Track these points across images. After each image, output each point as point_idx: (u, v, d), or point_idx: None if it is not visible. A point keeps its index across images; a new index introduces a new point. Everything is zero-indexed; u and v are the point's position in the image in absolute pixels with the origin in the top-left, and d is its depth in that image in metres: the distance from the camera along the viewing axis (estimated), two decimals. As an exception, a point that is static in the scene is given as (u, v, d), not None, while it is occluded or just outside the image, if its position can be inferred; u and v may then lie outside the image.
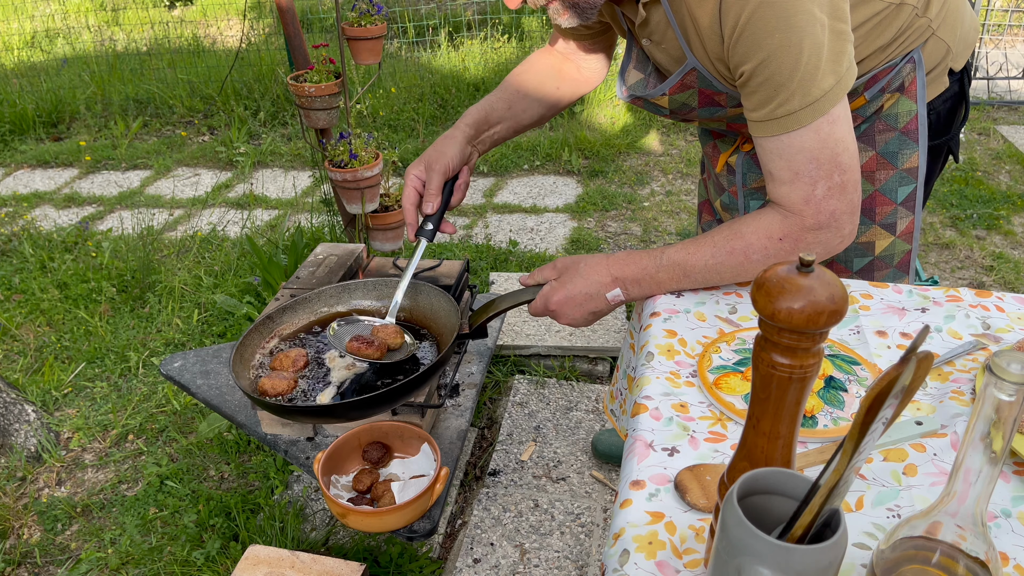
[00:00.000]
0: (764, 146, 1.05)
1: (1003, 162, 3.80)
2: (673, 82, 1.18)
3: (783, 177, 1.05)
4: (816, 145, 1.01)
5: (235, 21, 6.74)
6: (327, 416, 1.18)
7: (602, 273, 1.16)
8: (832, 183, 1.02)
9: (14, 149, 4.46)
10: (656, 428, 0.90)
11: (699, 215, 1.68)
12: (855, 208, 1.06)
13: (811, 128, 1.00)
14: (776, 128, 1.02)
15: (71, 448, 2.21)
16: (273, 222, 3.52)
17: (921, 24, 1.17)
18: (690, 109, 1.23)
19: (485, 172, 3.97)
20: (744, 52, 1.00)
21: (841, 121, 1.01)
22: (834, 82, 0.99)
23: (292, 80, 2.35)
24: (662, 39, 1.15)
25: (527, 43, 5.44)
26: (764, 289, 0.61)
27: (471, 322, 1.30)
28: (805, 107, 0.99)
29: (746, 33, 0.98)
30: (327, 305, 1.35)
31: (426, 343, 1.32)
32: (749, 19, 0.97)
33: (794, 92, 0.98)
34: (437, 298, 1.34)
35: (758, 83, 1.01)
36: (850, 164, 1.03)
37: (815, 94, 0.98)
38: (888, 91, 1.22)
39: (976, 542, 0.58)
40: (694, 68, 1.13)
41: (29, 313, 2.80)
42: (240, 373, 1.18)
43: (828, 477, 0.55)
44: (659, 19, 1.12)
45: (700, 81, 1.15)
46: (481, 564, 1.79)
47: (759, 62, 0.99)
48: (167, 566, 1.81)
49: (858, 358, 1.00)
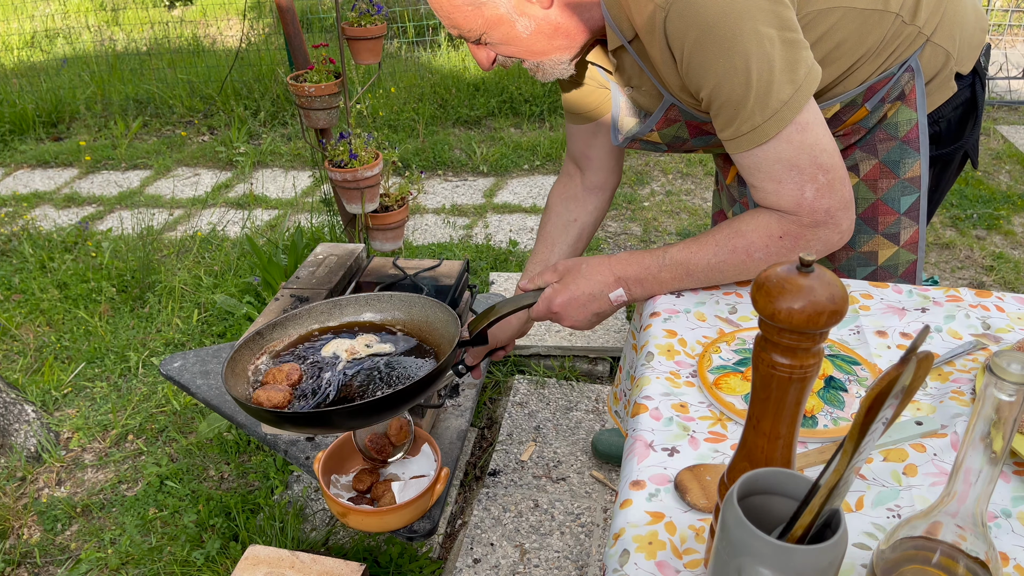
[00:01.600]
0: (741, 163, 1.07)
1: (1003, 162, 3.80)
2: (657, 118, 1.21)
3: (767, 188, 1.06)
4: (791, 153, 1.02)
5: (235, 21, 6.74)
6: (324, 425, 1.16)
7: (604, 273, 1.16)
8: (818, 184, 1.03)
9: (14, 149, 4.46)
10: (656, 428, 0.90)
11: (713, 224, 1.68)
12: (848, 203, 1.06)
13: (781, 138, 1.01)
14: (746, 143, 1.04)
15: (71, 448, 2.21)
16: (273, 222, 3.52)
17: (910, 32, 1.16)
18: (684, 140, 1.25)
19: (485, 172, 3.98)
20: (696, 80, 1.03)
21: (811, 126, 1.02)
22: (792, 91, 0.99)
23: (292, 80, 2.35)
24: (640, 83, 1.18)
25: (527, 43, 5.44)
26: (764, 289, 0.61)
27: (470, 329, 1.28)
28: (768, 120, 1.00)
29: (692, 63, 1.01)
30: (317, 321, 1.29)
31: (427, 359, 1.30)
32: (692, 50, 0.99)
33: (753, 110, 1.00)
34: (432, 309, 1.29)
35: (717, 106, 1.03)
36: (831, 163, 1.04)
37: (774, 106, 0.99)
38: (888, 100, 1.21)
39: (976, 542, 0.58)
40: (673, 104, 1.16)
41: (29, 313, 2.80)
42: (233, 385, 1.16)
43: (828, 477, 0.55)
44: (630, 63, 1.15)
45: (683, 114, 1.18)
46: (481, 564, 1.79)
47: (711, 88, 1.01)
48: (167, 566, 1.81)
49: (858, 358, 1.00)
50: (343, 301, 1.32)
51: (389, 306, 1.32)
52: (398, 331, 1.28)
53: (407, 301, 1.31)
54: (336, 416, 1.08)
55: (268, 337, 1.23)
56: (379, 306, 1.33)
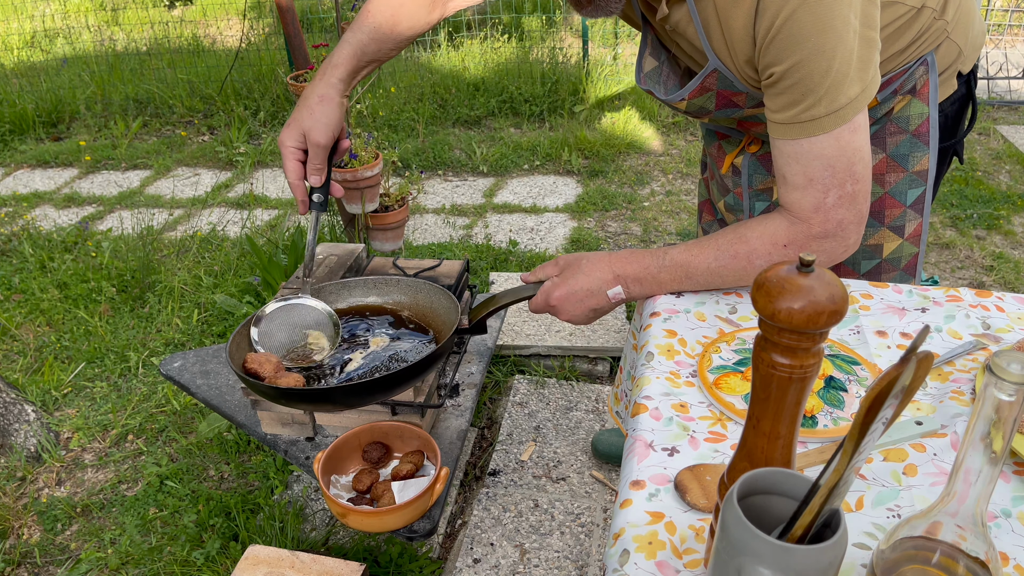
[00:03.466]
0: (782, 149, 1.04)
1: (1003, 162, 3.80)
2: (693, 86, 1.16)
3: (796, 182, 1.04)
4: (834, 153, 1.00)
5: (235, 21, 6.74)
6: (324, 402, 1.20)
7: (604, 270, 1.16)
8: (844, 192, 1.02)
9: (14, 149, 4.46)
10: (656, 428, 0.90)
11: (699, 215, 1.68)
12: (862, 218, 1.05)
13: (832, 135, 0.99)
14: (798, 132, 1.01)
15: (71, 448, 2.21)
16: (273, 222, 3.52)
17: (938, 27, 1.16)
18: (707, 112, 1.22)
19: (485, 172, 3.97)
20: (777, 53, 0.98)
21: (861, 130, 1.01)
22: (860, 90, 0.98)
23: (292, 80, 2.35)
24: (684, 34, 1.13)
25: (527, 43, 5.44)
26: (764, 289, 0.61)
27: (470, 317, 1.31)
28: (830, 113, 0.98)
29: (781, 34, 0.96)
30: (326, 302, 1.36)
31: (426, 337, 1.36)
32: (787, 20, 0.95)
33: (821, 98, 0.97)
34: (436, 296, 1.37)
35: (787, 85, 0.99)
36: (863, 174, 1.02)
37: (841, 101, 0.97)
38: (900, 93, 1.21)
39: (976, 542, 0.58)
40: (715, 69, 1.11)
41: (29, 313, 2.80)
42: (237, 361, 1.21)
43: (828, 477, 0.55)
44: (681, 17, 1.10)
45: (720, 82, 1.13)
46: (481, 564, 1.79)
47: (792, 64, 0.97)
48: (167, 566, 1.81)
49: (858, 358, 1.00)
50: (351, 283, 1.40)
51: (396, 290, 1.41)
52: (405, 315, 1.38)
53: (413, 286, 1.40)
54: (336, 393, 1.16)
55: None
56: (386, 289, 1.42)
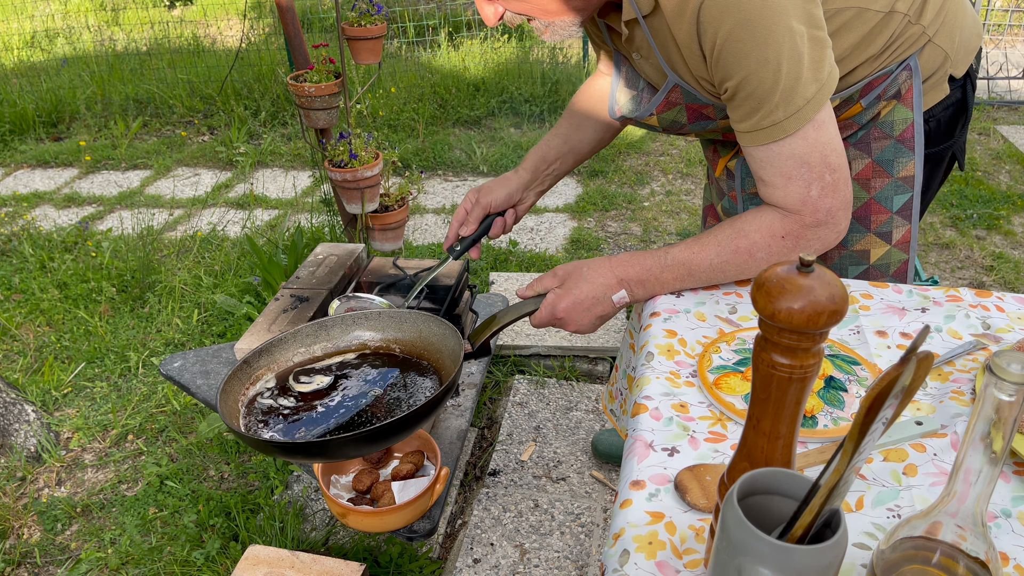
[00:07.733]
0: (753, 155, 1.07)
1: (1003, 162, 3.80)
2: (659, 101, 1.19)
3: (776, 183, 1.06)
4: (805, 150, 1.03)
5: (235, 21, 6.74)
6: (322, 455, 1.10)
7: (607, 275, 1.15)
8: (824, 183, 1.04)
9: (14, 149, 4.46)
10: (656, 428, 0.90)
11: (704, 219, 1.68)
12: (848, 203, 1.08)
13: (798, 135, 1.02)
14: (764, 138, 1.04)
15: (71, 448, 2.21)
16: (273, 222, 3.52)
17: (914, 32, 1.17)
18: (681, 125, 1.24)
19: (485, 172, 3.97)
20: (725, 70, 1.02)
21: (827, 124, 1.03)
22: (816, 89, 1.00)
23: (292, 80, 2.35)
24: (647, 55, 1.16)
25: (527, 43, 5.44)
26: (764, 289, 0.61)
27: (472, 340, 1.23)
28: (790, 116, 1.01)
29: (724, 52, 1.00)
30: (304, 345, 1.24)
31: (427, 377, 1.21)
32: (726, 40, 0.98)
33: (777, 104, 1.00)
34: (427, 324, 1.21)
35: (742, 98, 1.03)
36: (839, 163, 1.05)
37: (798, 103, 1.00)
38: (884, 98, 1.22)
39: (976, 542, 0.58)
40: (677, 84, 1.15)
41: (29, 313, 2.80)
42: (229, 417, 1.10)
43: (828, 477, 0.55)
44: (641, 37, 1.14)
45: (685, 96, 1.17)
46: (481, 564, 1.79)
47: (741, 79, 1.01)
48: (167, 566, 1.81)
49: (858, 358, 1.00)
50: (328, 322, 1.22)
51: (378, 324, 1.23)
52: (398, 352, 1.21)
53: (398, 318, 1.21)
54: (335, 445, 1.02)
55: (255, 365, 1.16)
56: (368, 324, 1.23)
